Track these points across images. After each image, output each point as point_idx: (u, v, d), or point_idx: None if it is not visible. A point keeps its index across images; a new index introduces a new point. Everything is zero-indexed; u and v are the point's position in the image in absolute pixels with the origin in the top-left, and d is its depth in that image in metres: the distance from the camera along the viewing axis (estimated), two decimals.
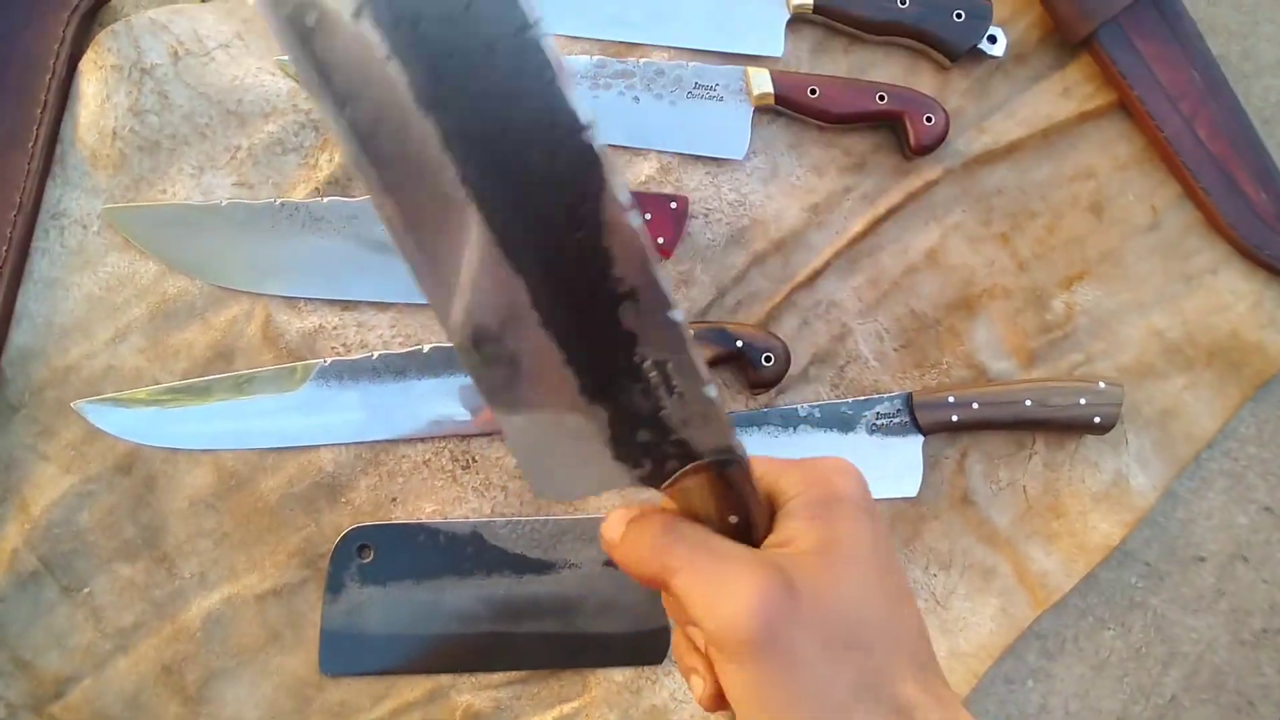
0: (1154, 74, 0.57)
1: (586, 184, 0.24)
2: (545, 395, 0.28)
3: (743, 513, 0.29)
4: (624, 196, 0.24)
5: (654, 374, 0.27)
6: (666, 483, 0.29)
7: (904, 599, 0.29)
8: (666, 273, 0.27)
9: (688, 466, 0.28)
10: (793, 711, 0.26)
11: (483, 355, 0.27)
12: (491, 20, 0.23)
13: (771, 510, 0.30)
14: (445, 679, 0.50)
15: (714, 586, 0.27)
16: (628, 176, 0.55)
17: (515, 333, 0.27)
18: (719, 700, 0.29)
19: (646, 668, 0.50)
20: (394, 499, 0.51)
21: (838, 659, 0.26)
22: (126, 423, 0.50)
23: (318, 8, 0.23)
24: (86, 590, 0.49)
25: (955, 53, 0.57)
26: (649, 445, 0.28)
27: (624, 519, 0.30)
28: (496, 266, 0.25)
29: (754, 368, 0.51)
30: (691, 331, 0.29)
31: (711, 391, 0.27)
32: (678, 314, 0.26)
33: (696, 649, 0.31)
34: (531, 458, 0.29)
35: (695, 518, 0.29)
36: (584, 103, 0.24)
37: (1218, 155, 0.56)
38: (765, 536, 0.29)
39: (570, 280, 0.26)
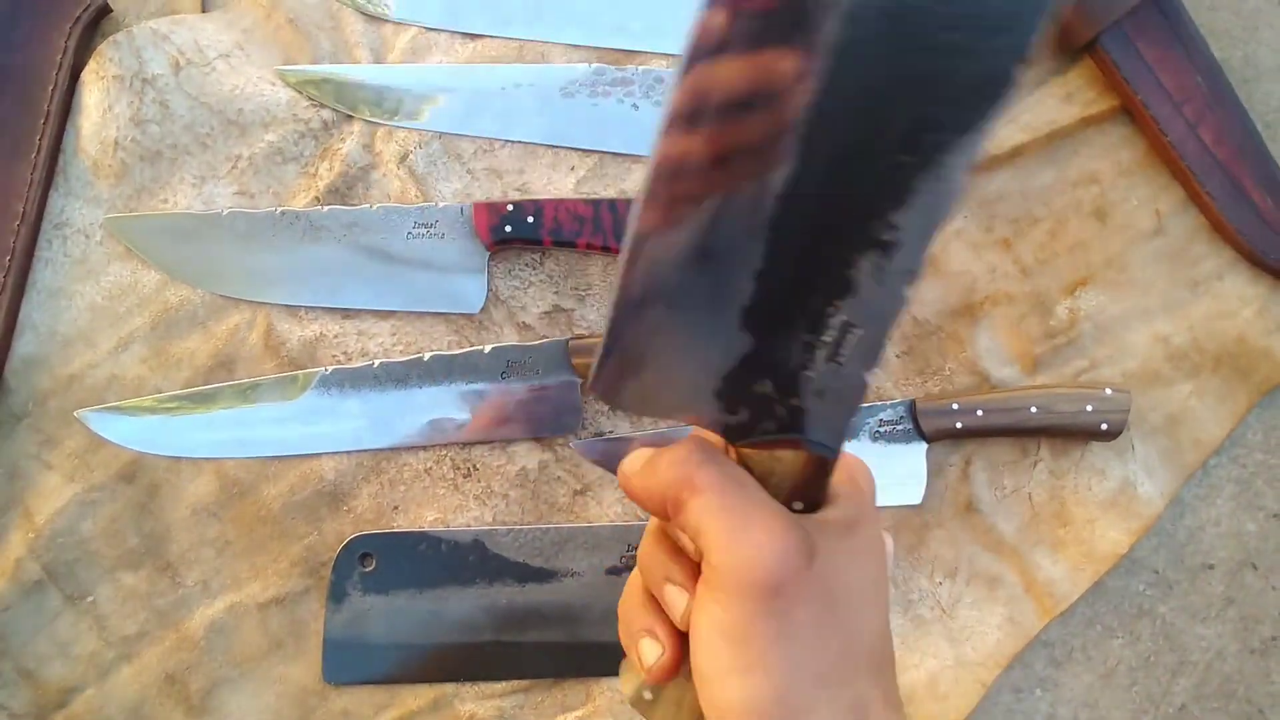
0: (1158, 78, 0.57)
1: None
2: (706, 295, 0.24)
3: (810, 506, 0.27)
4: (973, 157, 0.21)
5: (833, 334, 0.24)
6: (746, 441, 0.26)
7: (884, 607, 0.28)
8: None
9: (784, 437, 0.26)
10: (762, 676, 0.25)
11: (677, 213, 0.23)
12: None
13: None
14: (448, 688, 0.49)
15: (738, 520, 0.25)
16: (627, 184, 0.55)
17: (741, 207, 0.22)
18: (672, 668, 0.28)
19: None
20: (396, 507, 0.51)
21: (826, 638, 0.25)
22: (129, 431, 0.50)
23: None
24: (90, 599, 0.49)
25: None
26: (763, 399, 0.25)
27: (648, 454, 0.28)
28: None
29: None
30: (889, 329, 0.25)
31: (870, 379, 0.25)
32: (910, 293, 0.23)
33: (657, 612, 0.28)
34: (628, 349, 0.25)
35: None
36: None
37: (1223, 160, 0.56)
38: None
39: (850, 192, 0.22)
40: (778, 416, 0.25)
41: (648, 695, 0.30)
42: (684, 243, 0.23)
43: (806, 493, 0.27)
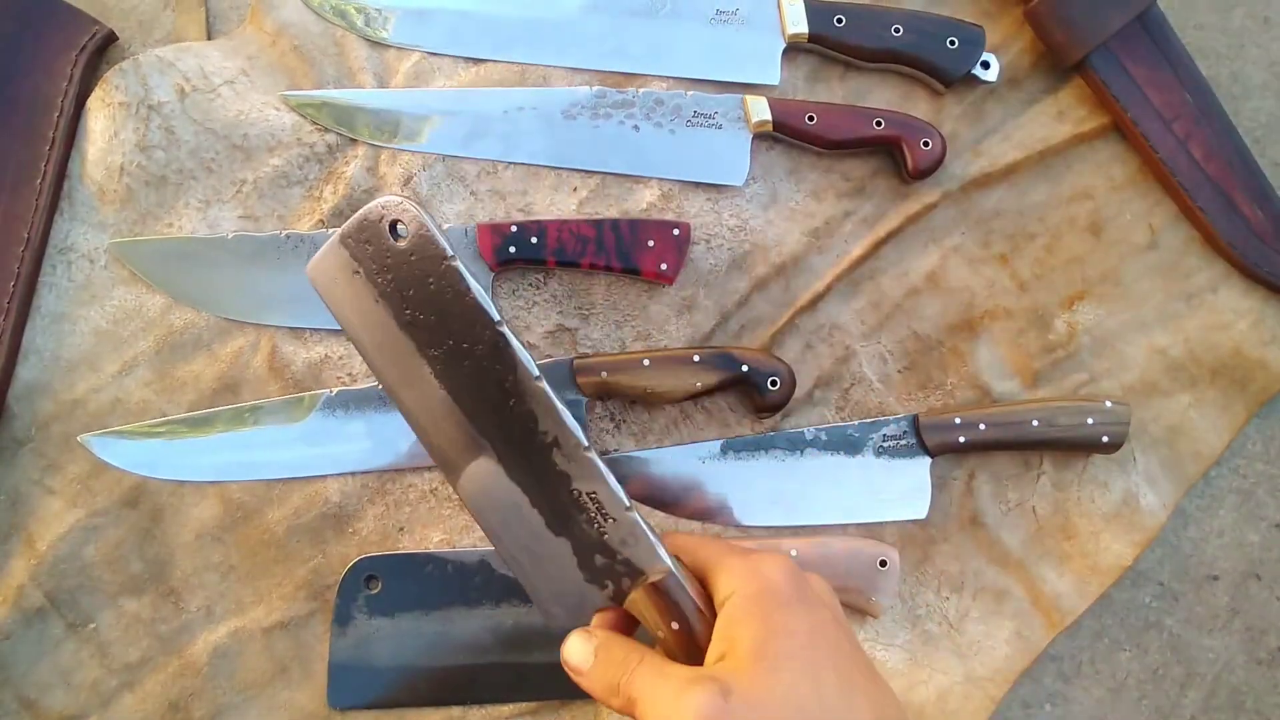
0: (1147, 97, 0.58)
1: (505, 365, 0.35)
2: (528, 534, 0.36)
3: (682, 620, 0.34)
4: (533, 370, 0.36)
5: (590, 504, 0.35)
6: (625, 601, 0.35)
7: (853, 688, 0.30)
8: (576, 424, 0.36)
9: (636, 583, 0.34)
10: None
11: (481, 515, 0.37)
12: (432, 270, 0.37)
13: (712, 609, 0.33)
14: (455, 711, 0.49)
15: (664, 707, 0.30)
16: (629, 204, 0.55)
17: (492, 485, 0.36)
18: None
19: None
20: (401, 528, 0.51)
21: None
22: (133, 456, 0.50)
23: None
24: (92, 626, 0.49)
25: (950, 79, 0.58)
26: (606, 567, 0.35)
27: (584, 644, 0.34)
28: (466, 435, 0.36)
29: (759, 392, 0.51)
30: (603, 466, 0.36)
31: (631, 515, 0.35)
32: (592, 452, 0.35)
33: None
34: (538, 595, 0.37)
35: (649, 628, 0.35)
36: (490, 305, 0.36)
37: (1213, 175, 0.57)
38: (709, 636, 0.33)
39: (516, 440, 0.35)
40: (622, 571, 0.35)
41: None
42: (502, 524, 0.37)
43: (674, 612, 0.34)
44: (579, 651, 0.34)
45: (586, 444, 0.35)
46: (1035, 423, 0.52)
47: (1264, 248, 0.57)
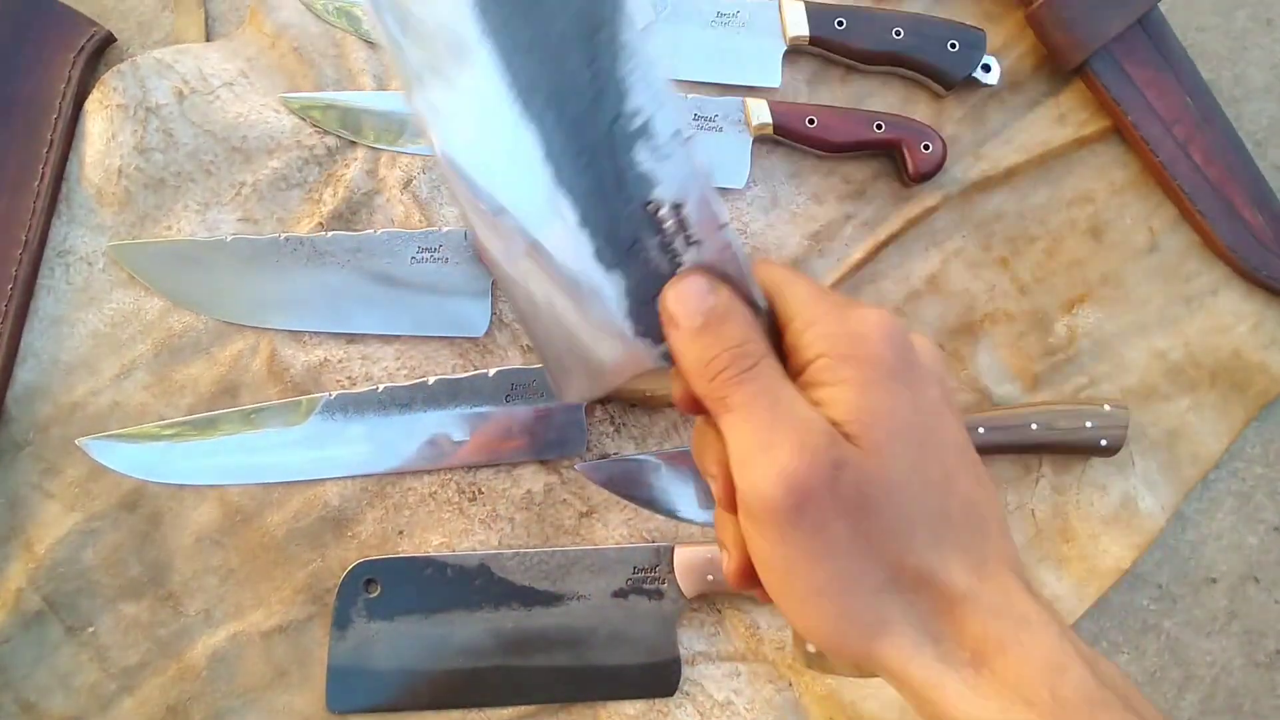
0: (1147, 100, 0.58)
1: (601, 7, 0.23)
2: (562, 270, 0.25)
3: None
4: (643, 17, 0.23)
5: (670, 222, 0.25)
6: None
7: (952, 481, 0.25)
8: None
9: None
10: (820, 598, 0.24)
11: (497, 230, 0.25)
12: None
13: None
14: (455, 714, 0.49)
15: (758, 439, 0.24)
16: None
17: (529, 194, 0.24)
18: (746, 576, 0.26)
19: (658, 700, 0.49)
20: (400, 532, 0.51)
21: (872, 547, 0.24)
22: (131, 459, 0.50)
23: None
24: (91, 629, 0.49)
25: (950, 82, 0.57)
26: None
27: (704, 293, 0.25)
28: (511, 112, 0.24)
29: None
30: (702, 163, 0.25)
31: (724, 235, 0.25)
32: (696, 149, 0.24)
33: (731, 517, 0.27)
34: (552, 352, 0.27)
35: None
36: None
37: (1213, 179, 0.57)
38: None
39: (584, 121, 0.24)
40: None
41: (811, 648, 0.28)
42: (526, 251, 0.26)
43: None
44: (694, 300, 0.25)
45: (688, 133, 0.24)
46: (1034, 426, 0.52)
47: (1264, 252, 0.57)
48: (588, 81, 0.24)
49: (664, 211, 0.25)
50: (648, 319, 0.26)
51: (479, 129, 0.24)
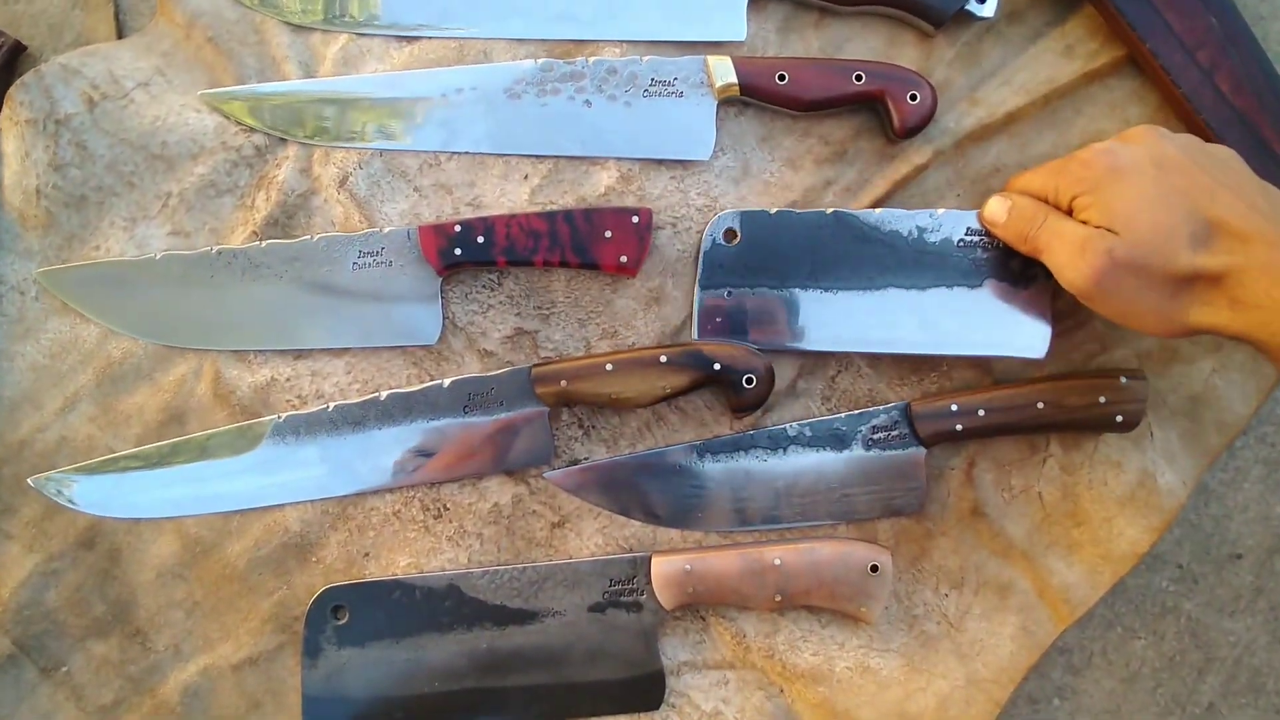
0: (1167, 23, 0.51)
1: None
2: None
3: None
4: None
5: None
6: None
7: (1212, 191, 0.41)
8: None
9: None
10: (1132, 304, 0.43)
11: None
12: None
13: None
14: None
15: (1064, 259, 0.44)
16: (585, 190, 0.51)
17: None
18: None
19: (643, 714, 0.48)
20: (366, 554, 0.49)
21: (1150, 282, 0.42)
22: (84, 495, 0.48)
23: None
24: (64, 669, 0.48)
25: (940, 18, 0.51)
26: None
27: (1001, 202, 0.47)
28: None
29: (735, 391, 0.47)
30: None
31: None
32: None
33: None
34: None
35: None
36: None
37: (1242, 110, 0.50)
38: None
39: None
40: None
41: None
42: None
43: None
44: (997, 208, 0.47)
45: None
46: (1041, 405, 0.48)
47: None
48: None
49: None
50: None
51: None
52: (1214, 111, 0.51)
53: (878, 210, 0.50)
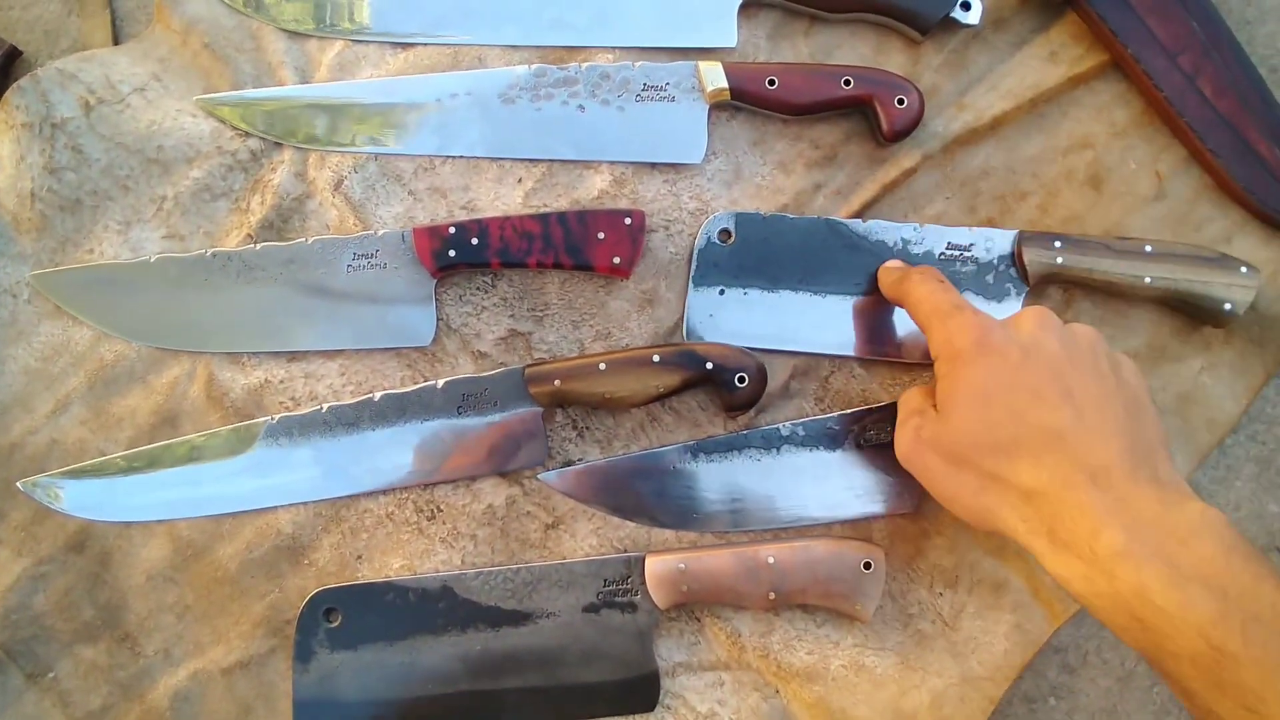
0: (1149, 28, 0.52)
1: None
2: None
3: None
4: None
5: None
6: None
7: (1022, 417, 0.38)
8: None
9: None
10: (940, 485, 0.41)
11: None
12: None
13: None
14: None
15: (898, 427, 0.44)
16: (579, 193, 0.51)
17: None
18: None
19: (638, 716, 0.47)
20: (359, 556, 0.48)
21: (961, 469, 0.40)
22: (75, 499, 0.48)
23: None
24: (51, 675, 0.47)
25: (926, 25, 0.52)
26: None
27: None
28: None
29: (728, 390, 0.47)
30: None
31: None
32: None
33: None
34: None
35: None
36: None
37: (1225, 113, 0.51)
38: None
39: None
40: None
41: None
42: None
43: None
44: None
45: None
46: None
47: None
48: None
49: None
50: None
51: None
52: (1197, 115, 0.52)
53: (867, 221, 0.51)
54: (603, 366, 0.47)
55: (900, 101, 0.50)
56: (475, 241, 0.48)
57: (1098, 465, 0.36)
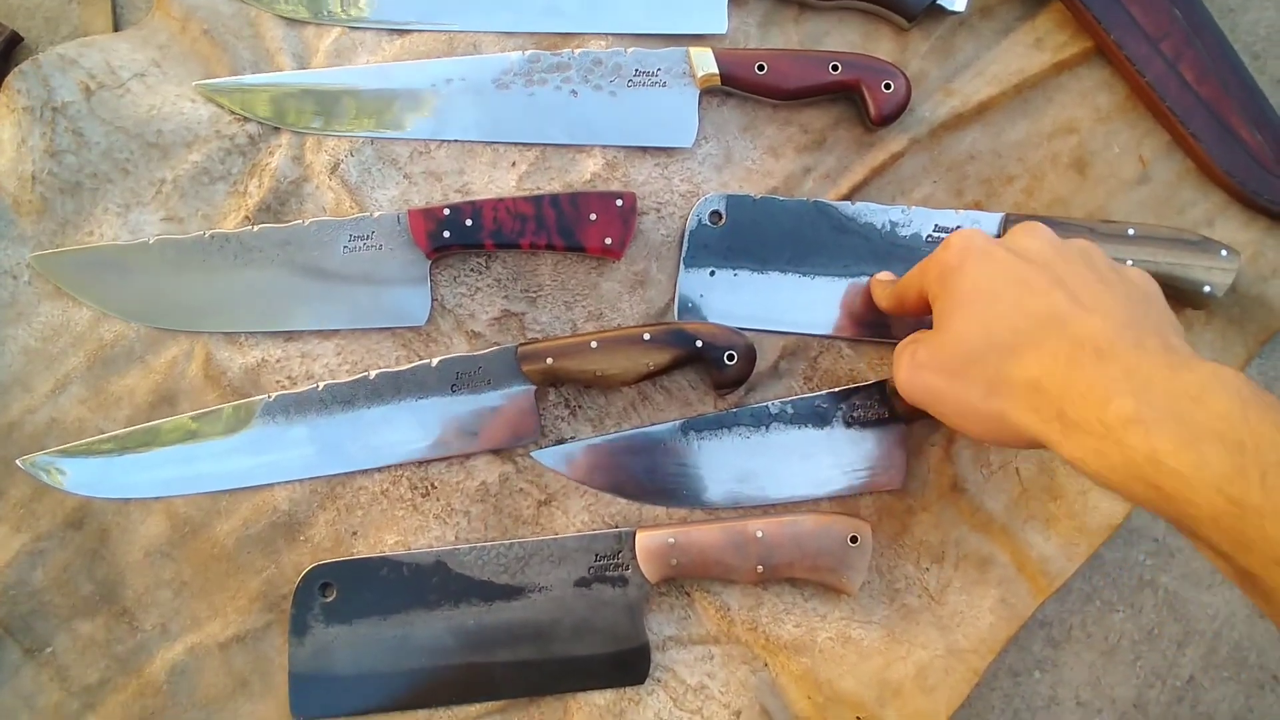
0: (1131, 15, 0.53)
1: None
2: None
3: None
4: None
5: None
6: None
7: (1012, 321, 0.37)
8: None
9: None
10: (948, 404, 0.40)
11: None
12: None
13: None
14: (421, 715, 0.48)
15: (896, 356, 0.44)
16: (571, 176, 0.52)
17: None
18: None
19: (629, 689, 0.48)
20: (354, 533, 0.49)
21: (969, 379, 0.39)
22: (74, 476, 0.48)
23: None
24: (49, 650, 0.48)
25: (913, 11, 0.53)
26: None
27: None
28: None
29: (717, 368, 0.48)
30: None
31: None
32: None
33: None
34: None
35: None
36: None
37: (1206, 98, 0.52)
38: None
39: None
40: None
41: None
42: None
43: None
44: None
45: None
46: None
47: (1264, 174, 0.52)
48: None
49: None
50: None
51: None
52: (1179, 99, 0.53)
53: (855, 203, 0.51)
54: (594, 345, 0.48)
55: (887, 87, 0.51)
56: (469, 223, 0.49)
57: (1101, 340, 0.35)
